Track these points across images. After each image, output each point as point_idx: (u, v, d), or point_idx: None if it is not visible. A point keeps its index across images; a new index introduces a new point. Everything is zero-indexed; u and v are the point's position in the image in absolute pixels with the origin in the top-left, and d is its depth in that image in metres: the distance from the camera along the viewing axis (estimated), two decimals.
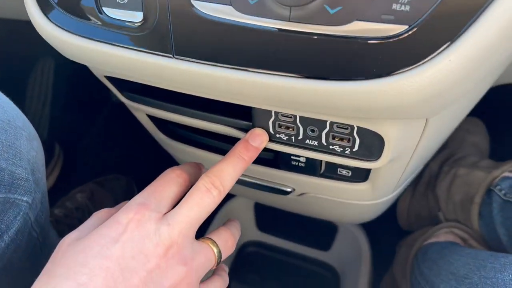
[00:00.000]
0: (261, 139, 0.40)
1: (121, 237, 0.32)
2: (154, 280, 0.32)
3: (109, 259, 0.31)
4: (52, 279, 0.30)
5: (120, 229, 0.33)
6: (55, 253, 0.33)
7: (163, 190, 0.37)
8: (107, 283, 0.30)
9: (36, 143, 0.45)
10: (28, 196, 0.41)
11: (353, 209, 0.55)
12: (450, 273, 0.52)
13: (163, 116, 0.47)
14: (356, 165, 0.39)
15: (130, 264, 0.31)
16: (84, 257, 0.31)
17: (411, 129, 0.35)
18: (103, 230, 0.33)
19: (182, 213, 0.34)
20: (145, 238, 0.32)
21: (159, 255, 0.32)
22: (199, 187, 0.36)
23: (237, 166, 0.38)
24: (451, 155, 0.84)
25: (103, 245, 0.32)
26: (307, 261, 0.94)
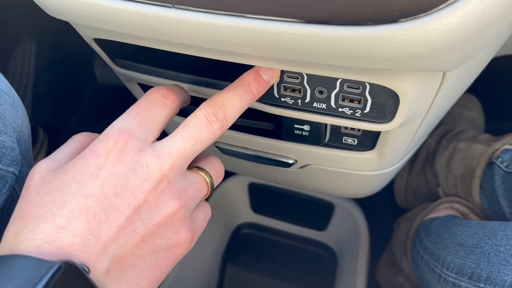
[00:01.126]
0: (272, 73, 0.35)
1: (101, 172, 0.28)
2: (142, 217, 0.28)
3: (89, 198, 0.27)
4: (28, 222, 0.27)
5: (99, 162, 0.28)
6: (26, 188, 0.29)
7: (148, 113, 0.32)
8: (89, 225, 0.26)
9: (21, 111, 0.41)
10: (15, 167, 0.38)
11: (357, 180, 0.53)
12: (458, 245, 0.50)
13: (157, 84, 0.44)
14: (367, 128, 0.37)
15: (114, 202, 0.27)
16: (61, 196, 0.27)
17: (427, 85, 0.33)
18: (80, 164, 0.28)
19: (176, 145, 0.30)
20: (130, 172, 0.28)
21: (147, 190, 0.28)
22: (199, 117, 0.31)
23: (243, 98, 0.33)
24: (448, 130, 0.83)
25: (81, 182, 0.27)
26: (303, 241, 0.92)
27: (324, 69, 0.33)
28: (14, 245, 0.26)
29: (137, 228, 0.28)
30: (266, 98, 0.39)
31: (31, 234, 0.26)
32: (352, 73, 0.33)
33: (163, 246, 0.30)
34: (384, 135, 0.41)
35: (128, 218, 0.28)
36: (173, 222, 0.30)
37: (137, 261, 0.29)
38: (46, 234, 0.26)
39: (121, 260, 0.28)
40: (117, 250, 0.27)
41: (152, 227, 0.29)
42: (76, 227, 0.26)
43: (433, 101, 0.36)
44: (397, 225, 0.81)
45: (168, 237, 0.30)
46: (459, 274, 0.46)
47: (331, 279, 0.87)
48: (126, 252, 0.28)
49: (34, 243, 0.25)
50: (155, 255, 0.29)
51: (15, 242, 0.26)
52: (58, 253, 0.25)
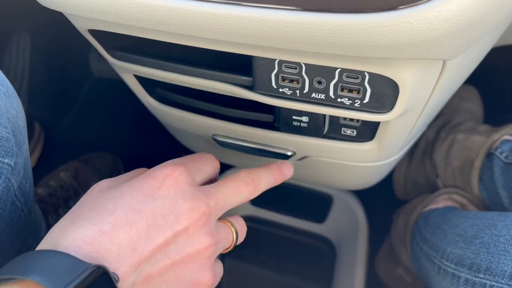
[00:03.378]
0: (289, 170, 0.43)
1: (155, 193, 0.31)
2: (178, 243, 0.30)
3: (137, 213, 0.29)
4: (77, 220, 0.29)
5: (154, 184, 0.31)
6: (84, 197, 0.32)
7: (201, 163, 0.37)
8: (130, 237, 0.28)
9: (16, 102, 0.41)
10: (10, 158, 0.37)
11: (356, 172, 0.52)
12: (457, 235, 0.50)
13: (154, 75, 0.43)
14: (367, 118, 0.37)
15: (158, 222, 0.30)
16: (113, 205, 0.29)
17: (427, 75, 0.33)
18: (137, 183, 0.32)
19: (221, 190, 0.34)
20: (179, 199, 0.31)
21: (190, 219, 0.31)
22: (241, 176, 0.36)
23: (270, 178, 0.40)
24: (447, 122, 0.82)
25: (133, 197, 0.30)
26: (302, 234, 0.92)
27: (323, 58, 0.32)
28: (57, 240, 0.27)
29: (171, 251, 0.30)
30: (264, 89, 0.38)
31: (76, 232, 0.28)
32: (351, 62, 0.32)
33: (187, 278, 0.31)
34: (383, 125, 0.40)
35: (166, 240, 0.30)
36: (201, 257, 0.32)
37: (160, 283, 0.30)
38: (88, 236, 0.27)
39: (147, 278, 0.29)
40: (147, 267, 0.29)
41: (183, 255, 0.31)
42: (117, 236, 0.28)
43: (433, 91, 0.35)
44: (396, 217, 0.81)
45: (193, 271, 0.32)
46: (458, 265, 0.46)
47: (330, 272, 0.87)
48: (154, 272, 0.29)
49: (75, 242, 0.27)
50: (177, 284, 0.31)
51: (59, 237, 0.28)
52: (93, 256, 0.27)
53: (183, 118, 0.52)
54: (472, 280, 0.43)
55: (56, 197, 0.84)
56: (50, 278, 0.24)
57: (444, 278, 0.48)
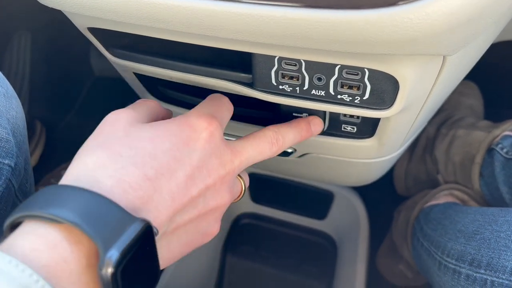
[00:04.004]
0: (319, 127, 0.42)
1: (192, 144, 0.30)
2: (206, 196, 0.31)
3: (178, 162, 0.29)
4: (116, 158, 0.27)
5: (192, 135, 0.31)
6: (112, 125, 0.30)
7: (222, 111, 0.36)
8: (170, 186, 0.28)
9: (16, 103, 0.41)
10: (10, 159, 0.37)
11: (357, 168, 0.52)
12: (458, 231, 0.50)
13: (154, 73, 0.43)
14: (367, 115, 0.37)
15: (195, 174, 0.30)
16: (153, 148, 0.29)
17: (427, 70, 0.33)
18: (174, 128, 0.31)
19: (246, 149, 0.34)
20: (212, 154, 0.31)
21: (220, 175, 0.32)
22: (266, 136, 0.36)
23: (297, 137, 0.39)
24: (448, 118, 0.82)
25: (174, 143, 0.30)
26: (303, 230, 0.92)
27: (323, 55, 0.32)
28: (99, 176, 0.26)
29: (199, 204, 0.31)
30: (263, 86, 0.38)
31: (119, 173, 0.26)
32: (351, 59, 0.32)
33: (203, 229, 0.32)
34: (383, 122, 0.40)
35: (198, 192, 0.30)
36: (218, 212, 0.33)
37: (183, 233, 0.31)
38: (134, 180, 0.26)
39: (175, 227, 0.29)
40: (178, 218, 0.29)
41: (207, 208, 0.31)
42: (161, 184, 0.27)
43: (433, 87, 0.35)
44: (397, 213, 0.81)
45: (209, 222, 0.33)
46: (459, 261, 0.46)
47: (331, 268, 0.87)
48: (181, 222, 0.30)
49: (122, 186, 0.26)
50: (194, 234, 0.32)
51: (101, 173, 0.26)
52: (137, 204, 0.26)
53: None
54: (473, 275, 0.43)
55: None
56: (99, 231, 0.23)
57: (445, 274, 0.48)
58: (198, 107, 0.35)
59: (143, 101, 0.36)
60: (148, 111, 0.34)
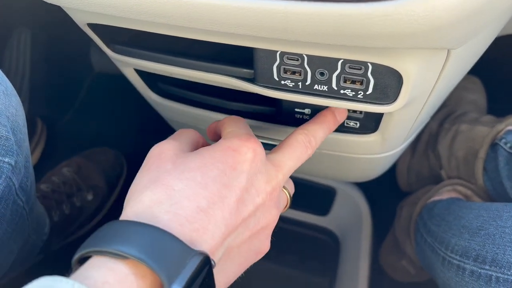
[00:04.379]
0: (344, 115, 0.41)
1: (240, 167, 0.31)
2: (257, 216, 0.31)
3: (228, 188, 0.29)
4: (170, 192, 0.28)
5: (239, 158, 0.31)
6: (158, 159, 0.31)
7: (248, 128, 0.36)
8: (222, 214, 0.28)
9: (15, 100, 0.41)
10: (10, 157, 0.37)
11: (360, 164, 0.52)
12: (462, 227, 0.50)
13: (155, 69, 0.43)
14: (370, 110, 0.36)
15: (244, 196, 0.30)
16: (203, 177, 0.29)
17: (431, 64, 0.32)
18: (219, 154, 0.31)
19: (286, 163, 0.34)
20: (258, 172, 0.31)
21: (267, 193, 0.31)
22: (300, 142, 0.36)
23: (326, 131, 0.38)
24: (450, 113, 0.82)
25: (221, 170, 0.30)
26: (305, 227, 0.92)
27: (325, 49, 0.32)
28: (156, 212, 0.27)
29: (250, 225, 0.31)
30: (265, 82, 0.38)
31: (174, 207, 0.27)
32: (354, 53, 0.32)
33: (256, 247, 0.32)
34: (387, 117, 0.40)
35: (249, 214, 0.30)
36: (268, 229, 0.33)
37: (236, 254, 0.31)
38: (189, 213, 0.27)
39: (229, 251, 0.30)
40: (231, 242, 0.29)
41: (258, 227, 0.32)
42: (214, 213, 0.28)
43: (437, 81, 0.35)
44: (399, 209, 0.80)
45: (261, 240, 0.33)
46: (463, 257, 0.46)
47: (334, 264, 0.87)
48: (234, 245, 0.30)
49: (178, 220, 0.26)
50: (248, 253, 0.32)
51: (158, 209, 0.27)
52: (193, 236, 0.26)
53: (185, 112, 0.52)
54: (477, 271, 0.43)
55: (59, 193, 0.84)
56: (162, 265, 0.24)
57: (449, 269, 0.48)
58: (233, 131, 0.35)
59: (183, 130, 0.36)
60: (189, 139, 0.35)
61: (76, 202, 0.84)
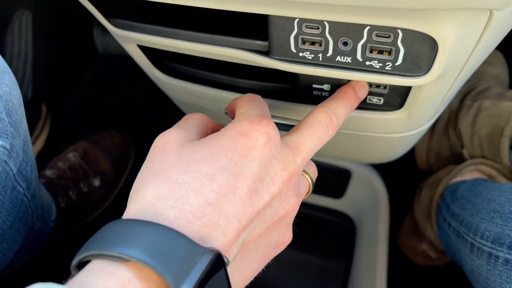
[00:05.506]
0: (365, 91, 0.37)
1: (251, 154, 0.28)
2: (273, 206, 0.28)
3: (238, 178, 0.26)
4: (174, 186, 0.25)
5: (250, 144, 0.28)
6: (162, 150, 0.28)
7: (267, 109, 0.33)
8: (234, 206, 0.25)
9: (8, 77, 0.37)
10: (4, 140, 0.34)
11: (382, 144, 0.49)
12: (492, 211, 0.46)
13: (160, 45, 0.40)
14: (399, 83, 0.33)
15: (258, 186, 0.27)
16: (210, 168, 0.26)
17: (470, 29, 0.28)
18: (228, 141, 0.28)
19: (305, 143, 0.31)
20: (273, 158, 0.28)
21: (283, 180, 0.29)
22: (320, 121, 0.33)
23: (348, 109, 0.35)
24: (472, 88, 0.78)
25: (231, 159, 0.27)
26: (319, 210, 0.89)
27: (350, 14, 0.28)
28: (160, 209, 0.24)
29: (266, 216, 0.28)
30: (281, 54, 0.34)
31: (180, 202, 0.25)
32: (382, 18, 0.28)
33: (274, 240, 0.30)
34: (415, 91, 0.36)
35: (265, 204, 0.27)
36: (287, 218, 0.30)
37: (253, 249, 0.28)
38: (196, 207, 0.25)
39: (244, 247, 0.27)
40: (246, 236, 0.27)
41: (276, 218, 0.29)
42: (224, 206, 0.25)
43: (475, 49, 0.31)
44: (419, 190, 0.77)
45: (280, 232, 0.30)
46: (496, 243, 0.42)
47: (350, 248, 0.84)
48: (250, 239, 0.27)
49: (184, 215, 0.24)
50: (266, 247, 0.29)
51: (161, 205, 0.25)
52: (203, 232, 0.24)
53: (193, 91, 0.48)
54: None
55: (65, 179, 0.82)
56: (169, 267, 0.21)
57: (479, 257, 0.45)
58: (244, 112, 0.31)
59: (189, 116, 0.33)
60: (196, 125, 0.32)
61: (83, 188, 0.82)
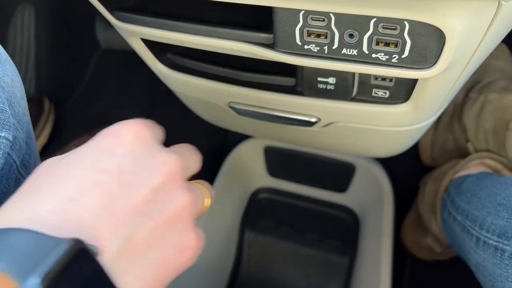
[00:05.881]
0: None
1: (118, 149, 0.26)
2: (158, 201, 0.26)
3: (103, 173, 0.25)
4: (33, 194, 0.24)
5: (115, 141, 0.26)
6: (31, 176, 0.26)
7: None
8: (103, 199, 0.24)
9: (10, 69, 0.37)
10: (7, 131, 0.34)
11: (387, 138, 0.48)
12: (498, 205, 0.46)
13: (163, 38, 0.39)
14: (405, 75, 0.32)
15: (130, 179, 0.25)
16: (71, 169, 0.25)
17: (479, 20, 0.28)
18: (92, 143, 0.26)
19: (184, 154, 0.30)
20: (148, 153, 0.27)
21: (166, 173, 0.27)
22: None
23: None
24: (477, 82, 0.77)
25: (94, 158, 0.25)
26: (323, 204, 0.89)
27: (356, 5, 0.28)
28: (13, 216, 0.22)
29: (152, 212, 0.26)
30: (286, 47, 0.34)
31: (35, 205, 0.23)
32: (389, 9, 0.28)
33: (174, 242, 0.27)
34: (421, 84, 0.36)
35: (144, 198, 0.25)
36: (184, 216, 0.28)
37: (147, 249, 0.26)
38: (52, 205, 0.23)
39: (132, 243, 0.25)
40: (129, 232, 0.25)
41: (166, 214, 0.27)
42: (88, 200, 0.23)
43: (482, 40, 0.31)
44: (423, 184, 0.77)
45: (178, 231, 0.28)
46: (502, 237, 0.42)
47: (354, 242, 0.84)
48: (138, 237, 0.25)
49: (38, 215, 0.22)
50: (164, 249, 0.27)
51: (15, 213, 0.23)
52: (66, 228, 0.22)
53: (197, 85, 0.48)
54: None
55: None
56: (14, 261, 0.19)
57: (485, 251, 0.44)
58: None
59: None
60: None
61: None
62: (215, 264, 0.83)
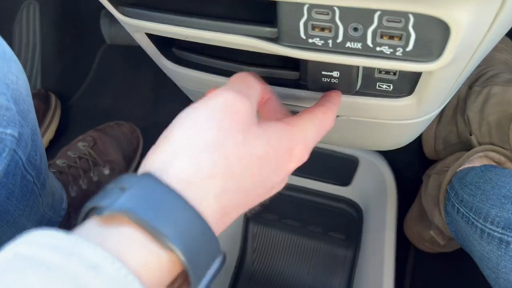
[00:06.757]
0: None
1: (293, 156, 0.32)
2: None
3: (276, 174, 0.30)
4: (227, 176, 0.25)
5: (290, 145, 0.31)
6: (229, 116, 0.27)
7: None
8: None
9: (15, 66, 0.37)
10: (13, 128, 0.34)
11: (390, 131, 0.48)
12: (503, 197, 0.46)
13: (168, 33, 0.40)
14: (409, 69, 0.32)
15: None
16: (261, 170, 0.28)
17: (484, 12, 0.28)
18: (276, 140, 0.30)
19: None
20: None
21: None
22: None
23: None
24: (480, 75, 0.77)
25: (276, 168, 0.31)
26: (327, 197, 0.89)
27: None
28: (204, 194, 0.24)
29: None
30: (291, 41, 0.34)
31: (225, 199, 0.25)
32: (394, 2, 0.28)
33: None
34: (425, 77, 0.36)
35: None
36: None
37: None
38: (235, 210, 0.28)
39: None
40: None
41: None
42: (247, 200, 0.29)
43: (488, 32, 0.31)
44: (426, 177, 0.77)
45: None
46: (506, 229, 0.42)
47: (358, 235, 0.84)
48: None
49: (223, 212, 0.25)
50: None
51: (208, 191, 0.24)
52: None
53: (202, 80, 0.48)
54: None
55: (75, 168, 0.82)
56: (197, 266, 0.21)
57: (489, 243, 0.45)
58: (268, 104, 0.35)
59: (249, 82, 0.33)
60: (257, 97, 0.32)
61: (93, 176, 0.83)
62: None
